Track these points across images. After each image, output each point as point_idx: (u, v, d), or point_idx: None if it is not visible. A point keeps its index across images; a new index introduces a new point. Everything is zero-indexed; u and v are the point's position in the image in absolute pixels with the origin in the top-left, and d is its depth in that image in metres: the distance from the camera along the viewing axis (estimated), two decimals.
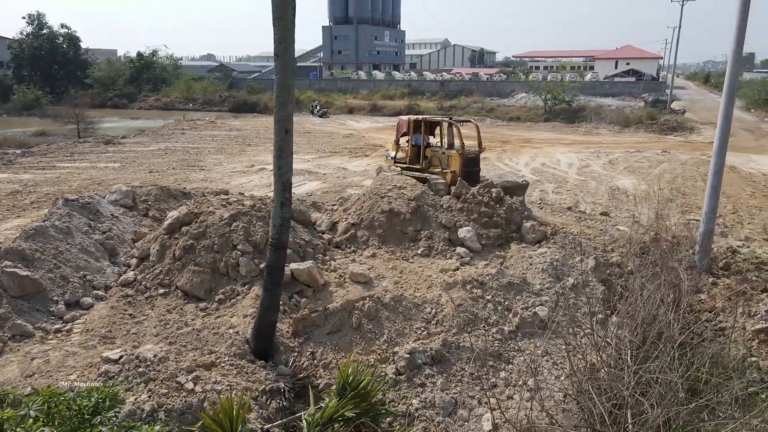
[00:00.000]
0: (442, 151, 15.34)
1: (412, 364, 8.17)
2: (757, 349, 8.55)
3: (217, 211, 10.22)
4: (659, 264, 11.09)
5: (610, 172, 21.46)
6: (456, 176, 14.10)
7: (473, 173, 14.55)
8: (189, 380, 7.04)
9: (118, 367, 7.00)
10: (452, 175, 14.43)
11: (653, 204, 16.10)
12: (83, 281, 9.22)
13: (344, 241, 11.80)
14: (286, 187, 7.36)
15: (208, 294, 9.33)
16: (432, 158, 15.53)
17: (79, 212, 10.60)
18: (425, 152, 15.54)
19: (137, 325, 8.43)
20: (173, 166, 21.03)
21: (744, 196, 17.70)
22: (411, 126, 15.85)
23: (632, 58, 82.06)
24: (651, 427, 5.95)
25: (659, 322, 8.13)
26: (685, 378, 6.75)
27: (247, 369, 7.70)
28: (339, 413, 5.60)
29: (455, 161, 14.68)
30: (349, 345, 8.53)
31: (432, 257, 11.42)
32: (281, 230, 7.52)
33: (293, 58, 6.98)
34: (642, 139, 32.45)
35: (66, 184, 16.97)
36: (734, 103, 11.19)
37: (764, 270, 11.20)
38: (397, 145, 16.67)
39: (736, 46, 10.50)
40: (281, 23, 6.70)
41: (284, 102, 7.05)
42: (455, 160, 14.69)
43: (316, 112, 46.30)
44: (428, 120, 15.99)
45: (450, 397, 7.82)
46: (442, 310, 9.31)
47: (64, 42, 66.40)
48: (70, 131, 32.86)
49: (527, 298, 10.02)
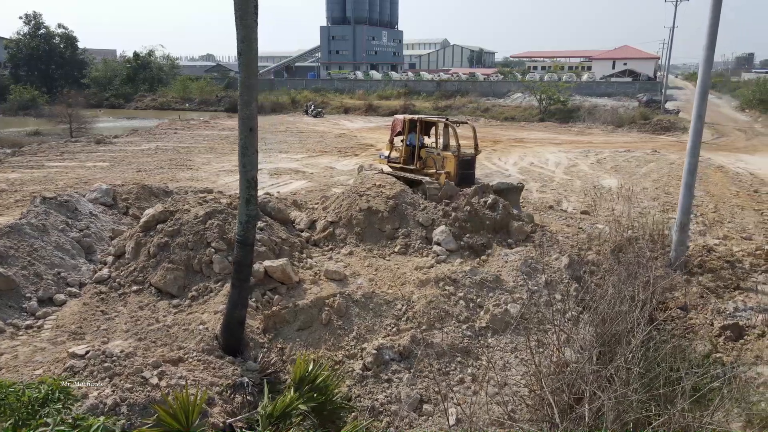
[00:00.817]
0: (437, 152, 15.09)
1: (379, 360, 8.26)
2: (723, 345, 8.64)
3: (192, 209, 10.30)
4: (634, 262, 11.19)
5: (596, 171, 21.54)
6: (450, 178, 13.99)
7: (468, 176, 14.39)
8: (154, 375, 7.10)
9: (84, 362, 7.04)
10: (446, 176, 14.22)
11: (634, 202, 16.19)
12: (57, 278, 9.30)
13: (322, 239, 11.88)
14: (251, 185, 7.44)
15: (182, 291, 9.40)
16: (426, 159, 15.25)
17: (57, 210, 10.68)
18: (420, 153, 15.32)
19: (108, 322, 8.51)
20: (161, 165, 21.13)
21: (728, 196, 17.78)
22: (406, 126, 15.57)
23: (629, 58, 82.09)
24: (607, 420, 6.03)
25: (625, 319, 8.23)
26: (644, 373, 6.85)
27: (215, 364, 7.77)
28: (292, 407, 5.67)
29: (450, 163, 14.42)
30: (318, 341, 8.62)
31: (409, 255, 11.50)
32: (247, 227, 7.59)
33: (256, 57, 7.05)
34: (633, 139, 32.53)
35: (52, 183, 17.06)
36: (707, 104, 11.28)
37: (738, 268, 11.30)
38: (392, 144, 16.44)
39: (707, 51, 10.59)
40: (243, 23, 6.78)
41: (248, 100, 7.12)
42: (450, 162, 14.42)
43: (311, 112, 46.40)
44: (424, 120, 15.65)
45: (416, 393, 7.91)
46: (413, 306, 9.40)
47: (61, 42, 66.64)
48: (63, 131, 32.97)
49: (500, 295, 10.11)
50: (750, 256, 11.72)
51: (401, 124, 15.72)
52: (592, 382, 6.66)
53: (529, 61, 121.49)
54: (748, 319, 9.00)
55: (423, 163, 15.21)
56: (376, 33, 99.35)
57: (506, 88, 59.47)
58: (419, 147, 15.33)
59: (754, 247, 12.18)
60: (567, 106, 44.15)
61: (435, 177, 14.54)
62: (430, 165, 15.03)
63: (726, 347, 8.56)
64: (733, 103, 56.05)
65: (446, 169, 14.43)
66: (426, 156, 15.24)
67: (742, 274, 11.09)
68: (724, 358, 8.24)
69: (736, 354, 8.39)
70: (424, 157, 15.26)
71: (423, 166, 15.17)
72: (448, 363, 8.58)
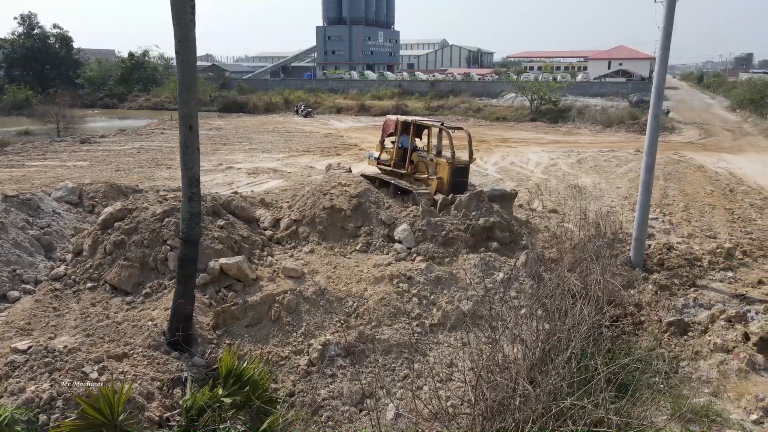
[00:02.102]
0: (430, 158, 14.51)
1: (324, 356, 8.35)
2: (668, 341, 8.72)
3: (150, 207, 10.40)
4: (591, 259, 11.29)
5: (575, 171, 21.62)
6: (442, 184, 13.67)
7: (461, 183, 13.86)
8: (95, 370, 7.19)
9: (25, 358, 7.14)
10: (438, 181, 13.82)
11: (604, 201, 16.29)
12: (12, 275, 9.40)
13: (285, 237, 11.98)
14: (193, 183, 7.53)
15: (136, 288, 9.50)
16: (418, 164, 14.70)
17: (18, 208, 10.78)
18: (411, 157, 14.71)
19: (58, 318, 8.60)
20: (141, 165, 21.25)
21: (702, 195, 17.84)
22: (398, 127, 14.95)
23: (624, 58, 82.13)
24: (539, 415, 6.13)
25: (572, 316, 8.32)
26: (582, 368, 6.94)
27: (159, 360, 7.86)
28: (214, 400, 5.76)
29: (443, 169, 13.85)
30: (266, 337, 8.71)
31: (370, 253, 11.60)
32: (190, 224, 7.69)
33: (194, 56, 7.15)
34: (620, 139, 32.59)
35: (29, 182, 17.16)
36: (662, 104, 11.33)
37: (696, 266, 11.38)
38: (382, 145, 15.89)
39: (662, 51, 10.67)
40: (180, 22, 6.88)
41: (187, 99, 7.23)
42: (443, 169, 13.85)
43: (301, 111, 46.50)
44: (417, 123, 14.98)
45: (357, 388, 8.00)
46: (365, 303, 9.49)
47: (57, 42, 66.75)
48: (51, 130, 33.09)
49: (454, 292, 10.20)
50: (709, 254, 11.80)
51: (393, 125, 15.14)
52: (526, 377, 6.77)
53: (527, 62, 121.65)
54: (695, 316, 9.08)
55: (414, 168, 14.69)
56: (372, 33, 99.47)
57: (500, 88, 59.52)
58: (411, 150, 14.75)
59: (714, 245, 12.26)
60: (558, 106, 44.19)
61: (426, 183, 14.12)
62: (422, 170, 14.55)
63: (669, 343, 8.64)
64: (725, 104, 56.08)
65: (439, 175, 13.95)
66: (418, 160, 14.72)
67: (699, 272, 11.17)
68: (665, 354, 8.33)
69: (678, 349, 8.48)
70: (415, 162, 14.72)
71: (414, 171, 14.67)
72: (394, 359, 8.68)
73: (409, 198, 13.43)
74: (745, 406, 6.81)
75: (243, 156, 24.38)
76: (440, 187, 13.66)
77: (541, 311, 9.21)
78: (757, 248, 12.48)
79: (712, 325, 8.70)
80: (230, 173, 20.02)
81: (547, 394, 6.32)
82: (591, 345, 7.61)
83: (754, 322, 8.56)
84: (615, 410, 6.09)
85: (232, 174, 20.00)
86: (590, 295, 9.03)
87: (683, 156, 25.67)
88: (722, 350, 8.11)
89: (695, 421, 6.39)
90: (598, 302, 8.87)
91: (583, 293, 9.23)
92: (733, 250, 11.98)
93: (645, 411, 6.25)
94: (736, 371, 7.57)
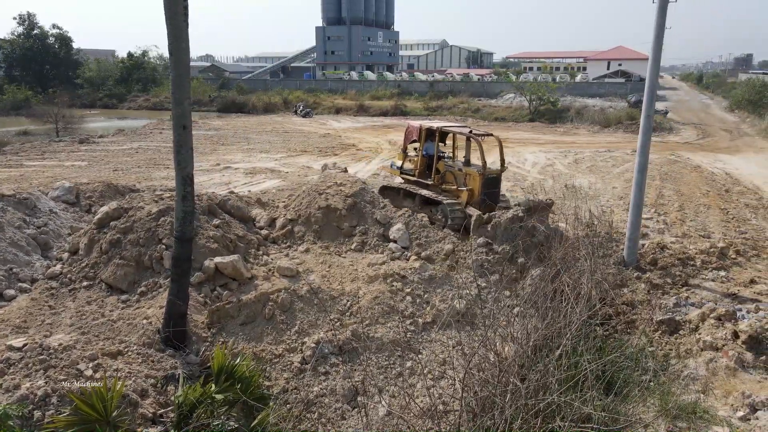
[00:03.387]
0: (458, 167, 13.31)
1: (317, 354, 8.43)
2: (658, 339, 8.79)
3: (146, 207, 10.47)
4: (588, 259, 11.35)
5: (571, 171, 21.69)
6: (473, 195, 12.70)
7: (492, 194, 12.82)
8: (89, 368, 7.28)
9: (20, 355, 7.21)
10: (469, 193, 12.75)
11: (600, 201, 16.36)
12: (9, 274, 9.47)
13: (281, 237, 12.05)
14: (186, 182, 7.59)
15: (131, 287, 9.57)
16: (445, 174, 13.53)
17: (15, 207, 10.85)
18: (438, 166, 13.62)
19: (54, 316, 8.67)
20: (139, 165, 21.32)
21: (697, 195, 17.92)
22: (422, 134, 13.90)
23: (624, 59, 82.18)
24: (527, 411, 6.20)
25: (564, 315, 8.40)
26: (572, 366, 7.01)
27: (154, 357, 7.94)
28: (206, 396, 5.83)
29: (474, 181, 12.73)
30: (260, 335, 8.79)
31: (364, 252, 11.67)
32: (184, 223, 7.77)
33: (187, 56, 7.22)
34: (617, 140, 32.65)
35: (27, 182, 17.24)
36: (654, 105, 11.42)
37: (689, 265, 11.46)
38: (405, 153, 14.76)
39: (654, 51, 10.73)
40: (173, 22, 6.95)
41: (180, 99, 7.30)
42: (474, 180, 12.73)
43: (299, 112, 46.59)
44: (443, 130, 13.73)
45: (351, 385, 8.07)
46: (359, 302, 9.56)
47: (56, 42, 66.83)
48: (50, 130, 33.17)
49: (447, 291, 10.28)
50: (702, 254, 11.87)
51: (416, 132, 14.05)
52: (517, 374, 6.84)
53: (527, 62, 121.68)
54: (686, 315, 9.15)
55: (441, 178, 13.57)
56: (371, 33, 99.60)
57: (499, 88, 59.60)
58: (437, 159, 13.68)
59: (708, 245, 12.33)
60: (557, 107, 44.27)
61: (456, 193, 13.09)
62: (449, 180, 13.39)
63: (660, 341, 8.71)
64: (724, 104, 56.15)
65: (469, 186, 12.86)
66: (444, 170, 13.54)
67: (692, 272, 11.25)
68: (656, 352, 8.40)
69: (668, 348, 8.55)
70: (442, 171, 13.57)
71: (441, 181, 13.55)
72: (387, 357, 8.75)
73: (437, 210, 12.83)
74: (732, 403, 6.88)
75: (241, 156, 24.46)
76: (471, 199, 12.73)
77: (533, 310, 9.30)
78: (751, 248, 12.56)
79: (702, 324, 8.77)
80: (227, 173, 20.10)
81: (535, 390, 6.40)
82: (582, 343, 7.68)
83: (743, 320, 8.63)
84: (602, 407, 6.17)
85: (230, 174, 20.08)
86: (582, 294, 9.12)
87: (680, 156, 25.74)
88: (711, 348, 8.18)
89: (682, 417, 6.45)
90: (590, 301, 8.96)
91: (575, 292, 9.31)
92: (727, 250, 12.05)
93: (633, 408, 6.33)
94: (725, 369, 7.64)
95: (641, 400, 6.88)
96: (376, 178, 19.88)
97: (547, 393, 6.42)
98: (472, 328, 9.02)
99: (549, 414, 6.21)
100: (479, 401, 6.58)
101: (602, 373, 6.97)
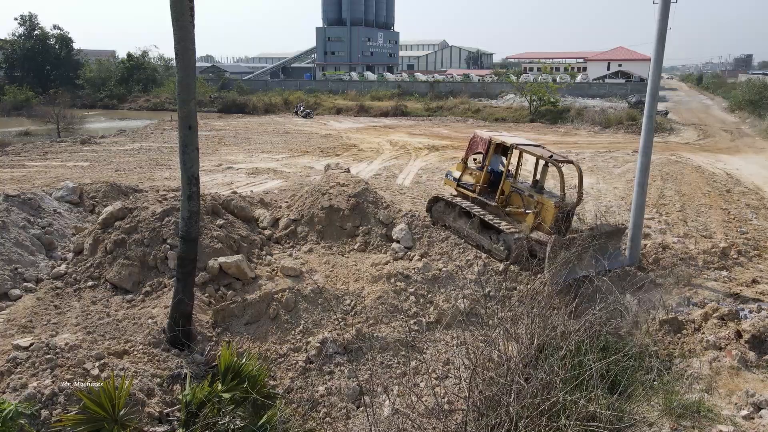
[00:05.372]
0: (529, 194, 11.71)
1: (322, 353, 8.46)
2: (661, 339, 8.83)
3: (150, 207, 10.50)
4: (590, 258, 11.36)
5: (572, 171, 21.68)
6: (542, 226, 11.29)
7: (562, 229, 11.27)
8: (95, 367, 7.32)
9: (27, 354, 7.24)
10: (535, 217, 11.37)
11: (602, 202, 16.40)
12: (14, 274, 9.50)
13: (284, 237, 12.09)
14: (192, 182, 7.62)
15: (136, 286, 9.60)
16: (511, 195, 12.04)
17: (20, 207, 10.89)
18: (504, 186, 12.05)
19: (59, 316, 8.70)
20: (141, 165, 21.36)
21: (699, 195, 17.96)
22: (491, 148, 12.39)
23: (624, 59, 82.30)
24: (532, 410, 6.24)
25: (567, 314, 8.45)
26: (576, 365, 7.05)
27: (159, 357, 7.98)
28: (213, 395, 5.86)
29: (547, 212, 11.19)
30: (264, 334, 8.82)
31: (368, 252, 11.70)
32: (189, 223, 7.80)
33: (193, 57, 7.25)
34: (618, 140, 32.70)
35: (30, 182, 17.27)
36: (657, 105, 11.45)
37: (691, 265, 11.50)
38: (465, 164, 13.16)
39: (657, 52, 10.78)
40: (179, 24, 6.98)
41: (186, 99, 7.32)
42: (548, 212, 11.18)
43: (300, 112, 46.63)
44: (518, 147, 12.07)
45: (355, 385, 8.11)
46: (362, 302, 9.60)
47: (57, 43, 66.93)
48: (52, 131, 33.24)
49: (451, 291, 10.31)
50: (704, 254, 11.92)
51: (484, 145, 12.50)
52: (521, 373, 6.88)
53: (527, 62, 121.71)
54: (688, 314, 9.19)
55: (506, 200, 12.06)
56: (371, 34, 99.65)
57: (499, 89, 59.65)
58: (504, 179, 12.12)
59: (710, 245, 12.38)
60: (557, 107, 44.34)
61: (521, 216, 11.73)
62: (515, 202, 11.96)
63: (663, 341, 8.75)
64: (724, 104, 56.21)
65: (541, 216, 11.35)
66: (511, 191, 12.04)
67: (694, 271, 11.30)
68: (659, 351, 8.44)
69: (672, 347, 8.59)
70: (507, 192, 12.05)
71: (505, 204, 12.05)
72: (392, 357, 8.78)
73: (499, 239, 11.47)
74: (735, 402, 6.92)
75: (242, 156, 24.49)
76: (537, 225, 11.42)
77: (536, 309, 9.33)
78: (752, 248, 12.62)
79: (705, 323, 8.81)
80: (230, 173, 20.13)
81: (540, 389, 6.43)
82: (585, 342, 7.71)
83: (746, 320, 8.67)
84: (607, 406, 6.20)
85: (232, 174, 20.11)
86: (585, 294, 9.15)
87: (681, 157, 25.78)
88: (714, 348, 8.22)
89: (686, 416, 6.49)
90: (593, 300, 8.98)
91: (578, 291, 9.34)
92: (728, 250, 12.10)
93: (637, 407, 6.36)
94: (728, 368, 7.68)
95: (645, 399, 6.92)
96: (378, 179, 19.92)
97: (552, 392, 6.46)
98: (476, 327, 9.04)
99: (554, 413, 6.24)
100: (485, 400, 6.62)
101: (606, 372, 7.02)
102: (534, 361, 7.34)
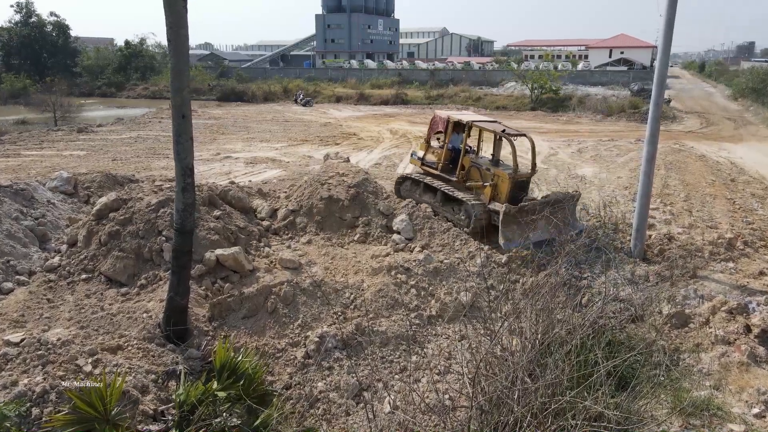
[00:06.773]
0: (486, 167, 12.39)
1: (321, 348, 8.27)
2: (668, 333, 8.64)
3: (145, 198, 10.27)
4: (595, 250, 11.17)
5: (575, 160, 21.45)
6: (498, 197, 11.97)
7: (518, 196, 11.99)
8: (89, 363, 7.12)
9: (18, 350, 7.05)
10: (492, 189, 12.04)
11: (605, 191, 16.16)
12: (6, 266, 9.29)
13: (282, 228, 11.86)
14: (186, 173, 7.39)
15: (131, 279, 9.40)
16: (470, 170, 12.74)
17: (12, 198, 10.66)
18: (463, 161, 12.77)
19: (52, 310, 8.50)
20: (138, 155, 21.08)
21: (703, 185, 17.71)
22: (449, 126, 13.10)
23: (626, 47, 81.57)
24: (538, 409, 6.06)
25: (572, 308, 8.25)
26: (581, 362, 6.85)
27: (154, 352, 7.78)
28: (208, 394, 5.67)
29: (503, 183, 11.93)
30: (262, 329, 8.63)
31: (367, 243, 11.50)
32: (184, 215, 7.57)
33: (186, 43, 6.99)
34: (621, 128, 32.37)
35: (25, 172, 17.01)
36: (664, 93, 11.19)
37: (697, 257, 11.28)
38: (428, 144, 13.98)
39: (664, 40, 10.49)
40: (172, 9, 6.71)
41: (179, 87, 7.08)
42: (503, 182, 11.92)
43: (300, 100, 46.23)
44: (473, 124, 12.73)
45: (355, 380, 7.92)
46: (362, 295, 9.40)
47: (54, 30, 66.16)
48: (48, 119, 32.90)
49: (452, 283, 10.11)
50: (710, 244, 11.70)
51: (443, 124, 13.29)
52: (525, 369, 6.68)
53: (528, 50, 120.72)
54: (696, 307, 8.99)
55: (466, 175, 12.76)
56: (371, 21, 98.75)
57: (500, 77, 59.13)
58: (464, 154, 12.87)
59: (716, 236, 12.15)
60: (559, 95, 43.89)
61: (479, 189, 12.36)
62: (474, 177, 12.63)
63: (670, 335, 8.56)
64: (727, 92, 55.74)
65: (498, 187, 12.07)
66: (469, 166, 12.75)
67: (700, 263, 11.08)
68: (666, 346, 8.25)
69: (679, 341, 8.39)
70: (467, 167, 12.76)
71: (465, 179, 12.76)
72: (392, 351, 8.60)
73: (460, 209, 12.27)
74: (746, 399, 6.73)
75: (241, 145, 24.20)
76: (494, 196, 12.09)
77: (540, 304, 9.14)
78: (759, 239, 12.40)
79: (713, 317, 8.61)
80: (228, 163, 19.87)
81: (546, 388, 6.24)
82: (591, 338, 7.52)
83: (755, 313, 8.46)
84: (615, 405, 6.02)
85: (230, 163, 19.85)
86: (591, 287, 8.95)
87: (684, 145, 25.47)
88: (723, 342, 8.03)
89: (696, 415, 6.31)
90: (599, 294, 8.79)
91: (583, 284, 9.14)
92: (734, 241, 11.88)
93: (645, 405, 6.17)
94: (738, 364, 7.49)
95: (653, 396, 6.73)
96: (378, 168, 19.67)
97: (557, 390, 6.27)
98: (478, 321, 8.84)
99: (560, 412, 6.06)
100: (488, 398, 6.43)
101: (613, 368, 6.83)
102: (539, 358, 7.15)
